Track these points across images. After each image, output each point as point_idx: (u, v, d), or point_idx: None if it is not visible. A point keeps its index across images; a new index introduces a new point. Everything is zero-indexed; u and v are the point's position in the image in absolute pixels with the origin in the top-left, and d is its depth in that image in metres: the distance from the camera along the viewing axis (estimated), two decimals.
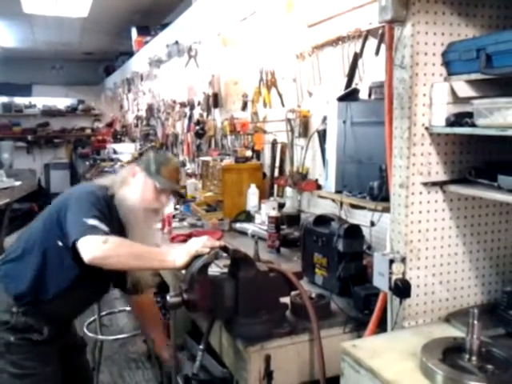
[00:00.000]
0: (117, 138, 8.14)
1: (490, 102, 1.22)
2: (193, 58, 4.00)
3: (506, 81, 1.25)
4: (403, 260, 1.40)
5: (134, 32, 6.51)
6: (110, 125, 9.42)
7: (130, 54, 7.17)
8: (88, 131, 10.33)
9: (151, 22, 6.17)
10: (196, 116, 4.73)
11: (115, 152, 6.90)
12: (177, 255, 1.63)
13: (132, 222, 1.84)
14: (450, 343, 1.24)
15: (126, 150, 6.85)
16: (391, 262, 1.39)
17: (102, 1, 5.53)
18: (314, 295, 1.77)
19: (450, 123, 1.32)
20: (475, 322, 1.17)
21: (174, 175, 1.92)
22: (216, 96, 4.23)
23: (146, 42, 6.05)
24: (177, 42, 4.44)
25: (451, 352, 1.21)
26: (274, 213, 2.54)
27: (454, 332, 1.38)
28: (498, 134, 1.19)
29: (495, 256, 1.53)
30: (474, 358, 1.17)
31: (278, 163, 3.25)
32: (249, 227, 2.85)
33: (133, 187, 1.87)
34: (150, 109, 6.46)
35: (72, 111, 10.36)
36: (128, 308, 3.72)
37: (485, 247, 1.51)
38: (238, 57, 3.69)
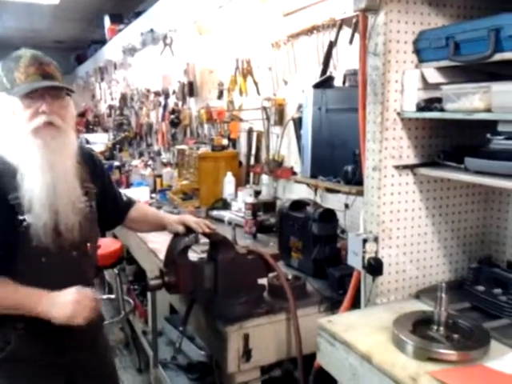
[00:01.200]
0: (89, 128, 8.02)
1: (458, 87, 1.29)
2: (168, 46, 3.98)
3: (473, 67, 1.31)
4: (376, 239, 1.47)
5: (106, 20, 6.40)
6: (82, 115, 9.23)
7: (102, 42, 7.06)
8: None
9: (124, 10, 6.09)
10: (171, 105, 4.72)
11: (88, 142, 6.81)
12: (56, 307, 1.37)
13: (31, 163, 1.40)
14: (419, 316, 1.31)
15: (98, 140, 6.76)
16: (364, 241, 1.45)
17: None
18: (290, 277, 1.83)
19: (421, 108, 1.38)
20: (443, 295, 1.23)
21: (31, 70, 1.40)
22: (191, 85, 4.23)
23: (120, 30, 5.97)
24: (152, 30, 4.41)
25: (421, 324, 1.28)
26: (251, 199, 2.59)
27: (423, 307, 1.45)
28: (465, 117, 1.25)
29: (462, 235, 1.62)
30: (441, 329, 1.24)
31: (253, 151, 3.30)
32: (225, 214, 2.89)
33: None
34: (123, 98, 6.39)
35: None
36: (105, 296, 3.73)
37: (452, 227, 1.59)
38: (214, 45, 3.70)
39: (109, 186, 1.77)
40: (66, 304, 1.37)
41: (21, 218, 1.39)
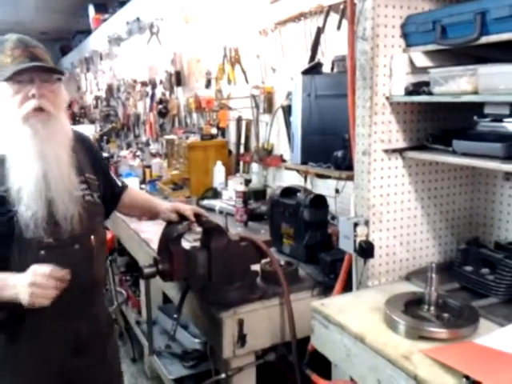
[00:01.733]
0: (75, 120, 7.94)
1: (446, 70, 1.30)
2: (155, 35, 3.95)
3: (460, 51, 1.33)
4: (367, 223, 1.49)
5: (91, 10, 6.32)
6: (67, 106, 9.15)
7: (87, 32, 6.97)
8: None
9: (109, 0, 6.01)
10: (158, 95, 4.69)
11: None
12: (19, 296, 1.28)
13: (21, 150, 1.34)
14: (410, 297, 1.34)
15: (85, 131, 6.70)
16: (355, 225, 1.47)
17: None
18: (282, 263, 1.85)
19: (409, 92, 1.40)
20: (433, 275, 1.26)
21: (17, 53, 1.34)
22: (179, 74, 4.20)
23: (105, 20, 5.91)
24: (138, 19, 4.37)
25: (412, 304, 1.30)
26: (241, 188, 2.60)
27: (413, 288, 1.48)
28: (452, 100, 1.27)
29: (450, 218, 1.65)
30: (432, 308, 1.27)
31: (243, 140, 3.30)
32: (216, 203, 2.89)
33: None
34: (109, 89, 6.34)
35: None
36: None
37: (441, 210, 1.62)
38: (201, 34, 3.67)
39: (107, 174, 1.72)
40: (23, 288, 1.27)
41: (11, 209, 1.34)
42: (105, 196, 1.61)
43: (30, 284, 1.27)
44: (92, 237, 1.48)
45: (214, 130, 3.46)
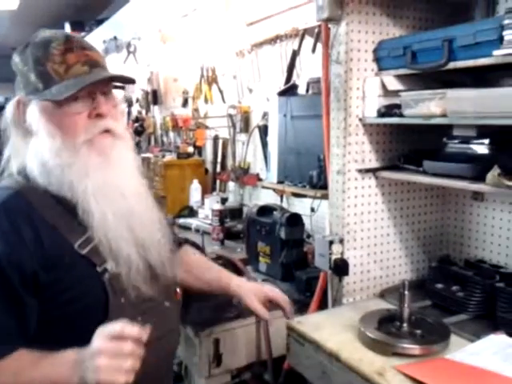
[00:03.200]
0: None
1: (416, 94, 1.35)
2: (132, 54, 3.97)
3: (430, 75, 1.39)
4: (341, 241, 1.52)
5: (67, 27, 6.29)
6: None
7: None
8: None
9: (85, 18, 6.01)
10: (134, 113, 4.69)
11: None
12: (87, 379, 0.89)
13: (84, 187, 1.01)
14: (384, 314, 1.36)
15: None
16: (331, 243, 1.50)
17: None
18: (259, 281, 1.85)
19: (381, 114, 1.44)
20: (406, 292, 1.29)
21: (72, 59, 1.01)
22: (155, 93, 4.22)
23: None
24: (115, 38, 4.38)
25: (385, 321, 1.32)
26: (218, 206, 2.61)
27: (387, 305, 1.51)
28: (422, 122, 1.32)
29: (422, 236, 1.69)
30: (405, 325, 1.29)
31: (219, 158, 3.32)
32: (192, 222, 2.89)
33: (36, 138, 1.02)
34: None
35: None
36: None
37: (413, 228, 1.66)
38: (178, 53, 3.71)
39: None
40: (88, 363, 0.89)
41: (99, 269, 1.00)
42: None
43: (95, 353, 0.88)
44: (177, 289, 1.21)
45: (190, 149, 3.47)
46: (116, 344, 0.88)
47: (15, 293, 0.95)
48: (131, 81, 1.11)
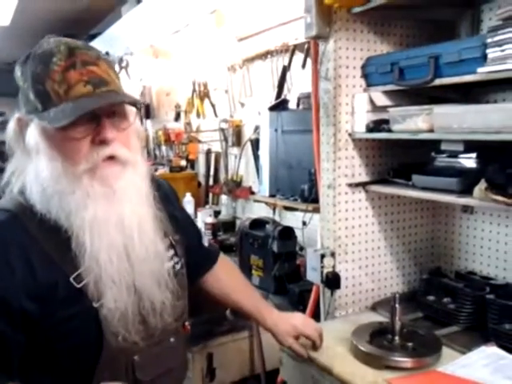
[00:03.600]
0: None
1: (404, 109, 1.38)
2: (124, 68, 3.99)
3: (417, 91, 1.41)
4: (333, 254, 1.53)
5: None
6: None
7: None
8: None
9: (78, 33, 6.04)
10: None
11: None
12: None
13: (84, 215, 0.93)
14: (376, 327, 1.37)
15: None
16: (322, 256, 1.51)
17: (26, 9, 5.35)
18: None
19: (370, 129, 1.47)
20: (397, 305, 1.30)
21: (74, 77, 0.91)
22: (148, 107, 4.24)
23: None
24: (107, 53, 4.40)
25: (377, 334, 1.33)
26: (211, 219, 2.62)
27: (379, 318, 1.51)
28: (410, 137, 1.34)
29: (413, 248, 1.70)
30: (396, 338, 1.30)
31: (212, 172, 3.33)
32: None
33: (37, 159, 0.95)
34: None
35: None
36: None
37: (404, 241, 1.68)
38: (171, 68, 3.74)
39: (191, 228, 1.30)
40: None
41: (96, 305, 0.93)
42: (189, 261, 1.17)
43: None
44: (186, 323, 1.12)
45: (183, 162, 3.49)
46: None
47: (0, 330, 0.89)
48: (136, 103, 1.03)
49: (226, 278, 1.33)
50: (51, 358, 0.94)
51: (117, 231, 0.95)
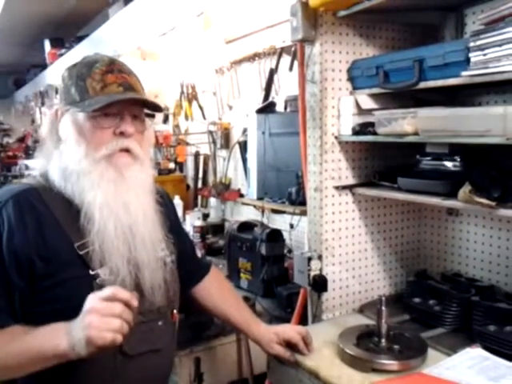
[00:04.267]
0: (29, 154, 7.75)
1: (389, 112, 1.39)
2: None
3: (403, 93, 1.42)
4: (320, 257, 1.53)
5: (47, 44, 6.28)
6: (21, 140, 8.94)
7: (42, 66, 6.90)
8: None
9: (65, 35, 6.00)
10: None
11: (27, 168, 6.58)
12: (75, 342, 0.92)
13: (97, 198, 1.06)
14: (362, 330, 1.37)
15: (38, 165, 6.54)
16: (309, 259, 1.51)
17: (12, 12, 5.30)
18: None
19: (356, 132, 1.47)
20: (383, 308, 1.30)
21: (110, 79, 1.09)
22: None
23: (61, 55, 5.87)
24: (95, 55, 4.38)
25: (364, 337, 1.33)
26: (199, 222, 2.61)
27: (366, 321, 1.52)
28: (395, 140, 1.35)
29: (399, 251, 1.71)
30: (383, 341, 1.30)
31: (201, 174, 3.32)
32: None
33: (65, 144, 1.11)
34: None
35: None
36: None
37: (390, 243, 1.69)
38: (158, 70, 3.72)
39: (185, 239, 1.43)
40: (78, 325, 0.92)
41: (92, 272, 1.04)
42: (183, 268, 1.28)
43: (87, 312, 0.92)
44: (174, 311, 1.21)
45: (171, 165, 3.47)
46: (107, 304, 0.92)
47: (7, 275, 1.00)
48: (159, 109, 1.19)
49: (217, 289, 1.42)
50: (45, 319, 0.98)
51: (124, 212, 1.08)
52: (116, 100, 1.07)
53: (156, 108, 1.17)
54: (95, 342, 0.90)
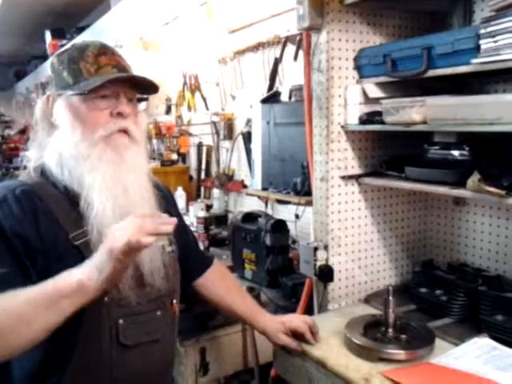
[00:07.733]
0: None
1: (396, 101, 1.37)
2: None
3: (411, 82, 1.41)
4: (326, 247, 1.52)
5: (47, 35, 6.24)
6: (22, 131, 8.92)
7: (43, 57, 6.86)
8: None
9: (66, 25, 5.97)
10: None
11: (29, 160, 6.57)
12: (90, 271, 0.93)
13: (92, 179, 1.04)
14: (369, 319, 1.37)
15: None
16: (315, 249, 1.51)
17: (13, 2, 5.27)
18: (244, 288, 1.85)
19: (363, 121, 1.46)
20: (390, 297, 1.30)
21: (104, 61, 1.09)
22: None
23: (62, 46, 5.83)
24: None
25: (371, 327, 1.33)
26: (203, 213, 2.60)
27: (372, 311, 1.52)
28: (403, 129, 1.34)
29: (406, 241, 1.71)
30: (390, 330, 1.30)
31: (204, 165, 3.31)
32: None
33: (59, 129, 1.09)
34: None
35: None
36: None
37: (396, 233, 1.68)
38: (161, 61, 3.70)
39: (187, 232, 1.42)
40: (120, 230, 0.92)
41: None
42: (187, 261, 1.27)
43: (121, 225, 0.92)
44: (174, 301, 1.18)
45: (174, 156, 3.46)
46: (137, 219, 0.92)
47: (17, 253, 0.99)
48: (155, 88, 1.15)
49: (220, 281, 1.42)
50: None
51: (123, 195, 1.05)
52: (115, 78, 1.06)
53: (153, 88, 1.15)
54: (129, 243, 0.89)
